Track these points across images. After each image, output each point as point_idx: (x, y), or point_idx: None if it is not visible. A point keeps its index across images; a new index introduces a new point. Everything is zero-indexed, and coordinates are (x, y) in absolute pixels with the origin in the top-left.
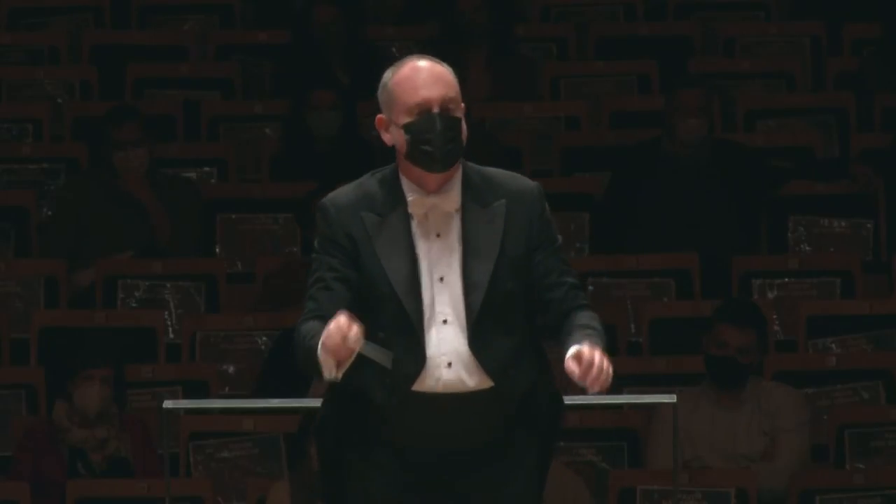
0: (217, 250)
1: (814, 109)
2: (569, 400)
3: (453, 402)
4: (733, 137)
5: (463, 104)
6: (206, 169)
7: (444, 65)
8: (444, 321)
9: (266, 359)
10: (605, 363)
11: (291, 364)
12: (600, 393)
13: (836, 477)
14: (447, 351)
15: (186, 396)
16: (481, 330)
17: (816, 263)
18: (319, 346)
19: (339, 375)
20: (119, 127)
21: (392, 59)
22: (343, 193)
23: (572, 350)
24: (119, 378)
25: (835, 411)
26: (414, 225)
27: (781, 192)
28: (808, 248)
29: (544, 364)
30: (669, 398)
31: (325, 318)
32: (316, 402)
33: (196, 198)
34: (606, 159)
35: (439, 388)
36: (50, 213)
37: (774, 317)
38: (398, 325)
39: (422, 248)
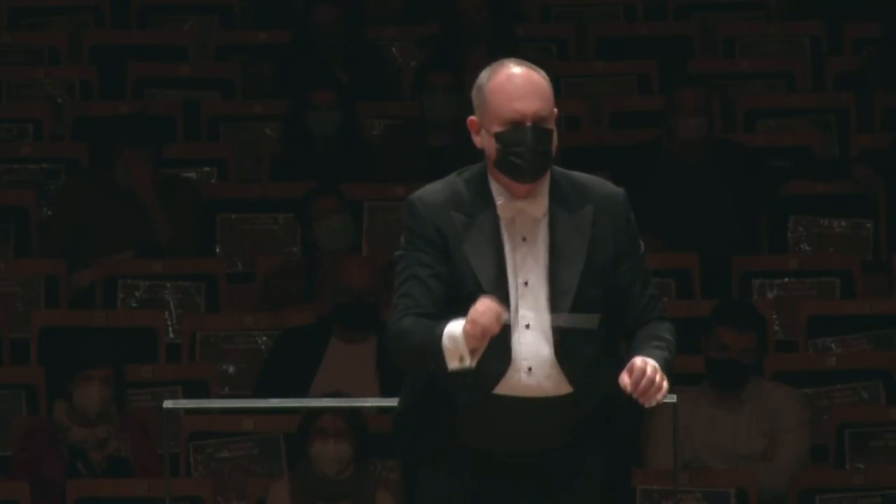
0: (217, 250)
1: (814, 109)
2: None
3: (531, 406)
4: (733, 137)
5: (555, 110)
6: (206, 169)
7: (541, 72)
8: (527, 326)
9: (266, 359)
10: (658, 376)
11: (292, 364)
12: (650, 406)
13: (836, 477)
14: (528, 355)
15: (186, 396)
16: (567, 336)
17: (816, 263)
18: (450, 335)
19: (474, 364)
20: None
21: (392, 59)
22: (431, 191)
23: (630, 364)
24: (119, 378)
25: (835, 411)
26: (503, 228)
27: (781, 192)
28: (808, 248)
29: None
30: (669, 398)
31: (424, 315)
32: (316, 402)
33: (196, 198)
34: (606, 159)
35: (518, 393)
36: (50, 213)
37: (774, 317)
38: None
39: (508, 251)
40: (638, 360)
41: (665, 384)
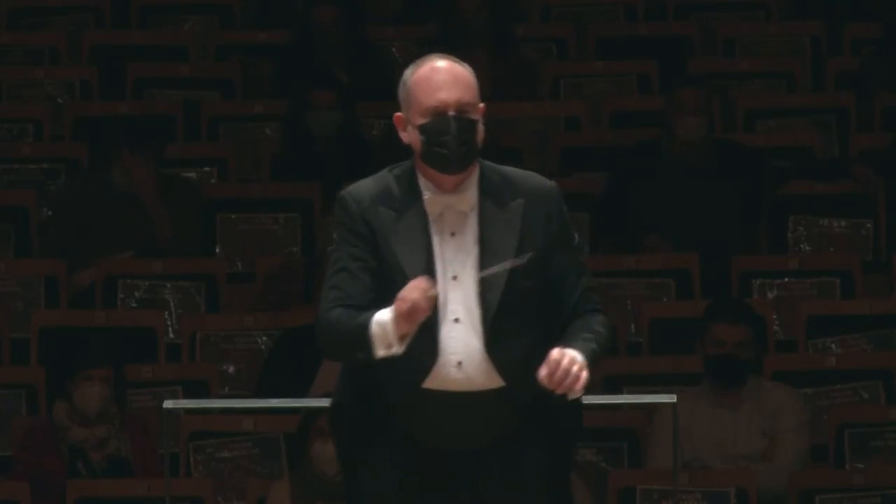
0: (217, 250)
1: (814, 109)
2: None
3: (463, 400)
4: (733, 137)
5: (482, 105)
6: (206, 169)
7: (464, 65)
8: (456, 320)
9: (266, 359)
10: (576, 367)
11: (292, 364)
12: (569, 397)
13: (836, 477)
14: (457, 350)
15: (186, 396)
16: (497, 329)
17: (816, 263)
18: (378, 321)
19: (402, 349)
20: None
21: (392, 59)
22: (361, 187)
23: (553, 352)
24: (119, 378)
25: (835, 411)
26: (430, 223)
27: (781, 191)
28: (808, 248)
29: None
30: (669, 398)
31: (353, 307)
32: (316, 402)
33: (196, 198)
34: (606, 159)
35: (449, 387)
36: (50, 213)
37: (774, 317)
38: None
39: (437, 245)
40: (554, 352)
41: (584, 374)
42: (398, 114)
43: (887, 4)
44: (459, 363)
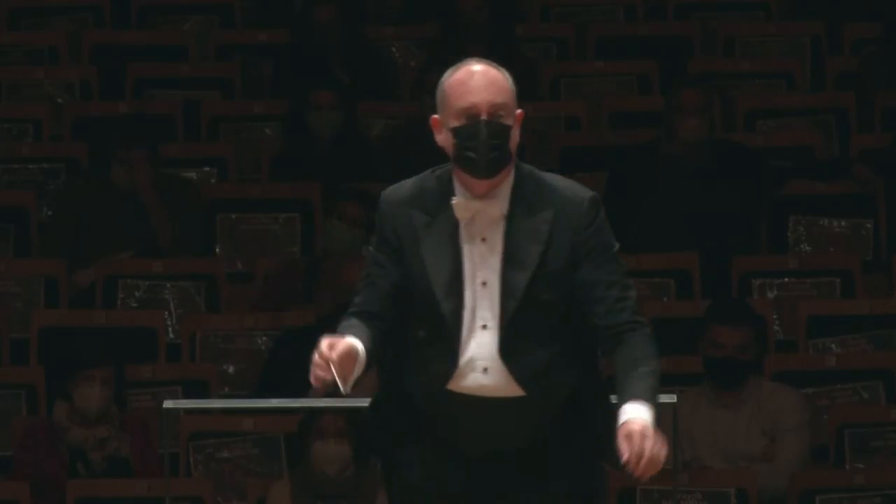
0: (217, 250)
1: (814, 109)
2: None
3: (489, 405)
4: (733, 137)
5: (519, 110)
6: (206, 169)
7: (502, 70)
8: (484, 326)
9: (266, 359)
10: (657, 448)
11: (292, 364)
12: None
13: (836, 477)
14: (484, 356)
15: (186, 396)
16: (513, 338)
17: (816, 263)
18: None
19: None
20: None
21: (392, 59)
22: (399, 189)
23: (627, 423)
24: (119, 378)
25: (835, 411)
26: (462, 227)
27: (781, 191)
28: (808, 248)
29: (592, 374)
30: (669, 398)
31: (365, 315)
32: (316, 402)
33: (196, 198)
34: (606, 159)
35: (475, 392)
36: (50, 213)
37: (774, 317)
38: (436, 326)
39: (467, 251)
40: (636, 428)
41: (662, 454)
42: (435, 116)
43: (887, 4)
44: (485, 369)
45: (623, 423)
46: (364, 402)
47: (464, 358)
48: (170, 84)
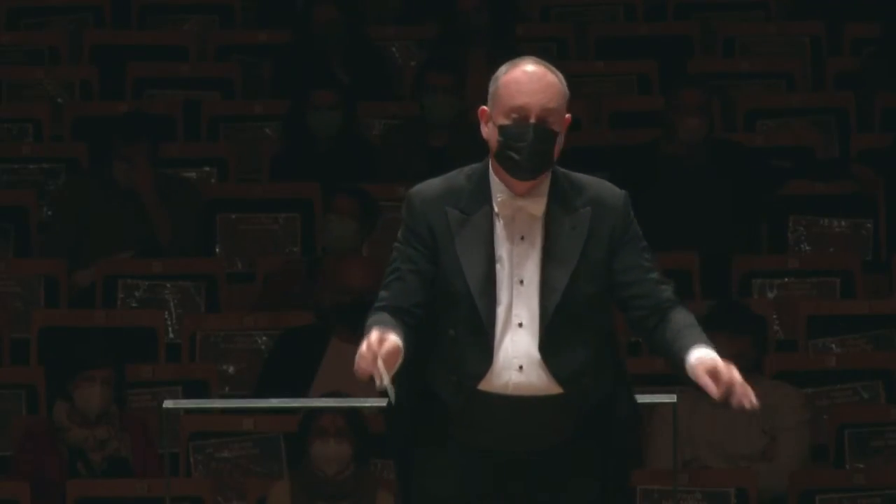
0: (217, 250)
1: (814, 109)
2: None
3: (523, 405)
4: (733, 137)
5: (568, 115)
6: (206, 169)
7: (557, 73)
8: (520, 324)
9: (266, 359)
10: (738, 376)
11: (292, 364)
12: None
13: (836, 477)
14: (519, 354)
15: (186, 396)
16: (553, 335)
17: (816, 263)
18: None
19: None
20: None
21: (392, 59)
22: (430, 186)
23: (705, 361)
24: (119, 378)
25: (835, 411)
26: (498, 226)
27: (781, 191)
28: (808, 248)
29: (622, 375)
30: (669, 398)
31: (394, 310)
32: (316, 402)
33: (196, 198)
34: (606, 159)
35: (509, 391)
36: (50, 213)
37: (774, 317)
38: (470, 324)
39: (505, 249)
40: (720, 366)
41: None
42: (483, 107)
43: (887, 4)
44: (521, 367)
45: (698, 361)
46: (364, 403)
47: (499, 356)
48: (170, 84)
